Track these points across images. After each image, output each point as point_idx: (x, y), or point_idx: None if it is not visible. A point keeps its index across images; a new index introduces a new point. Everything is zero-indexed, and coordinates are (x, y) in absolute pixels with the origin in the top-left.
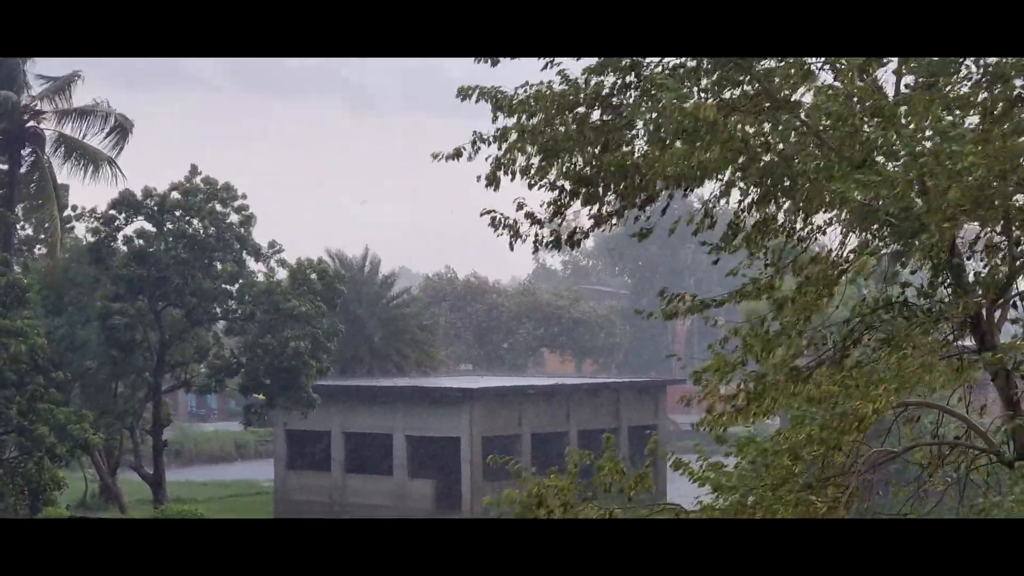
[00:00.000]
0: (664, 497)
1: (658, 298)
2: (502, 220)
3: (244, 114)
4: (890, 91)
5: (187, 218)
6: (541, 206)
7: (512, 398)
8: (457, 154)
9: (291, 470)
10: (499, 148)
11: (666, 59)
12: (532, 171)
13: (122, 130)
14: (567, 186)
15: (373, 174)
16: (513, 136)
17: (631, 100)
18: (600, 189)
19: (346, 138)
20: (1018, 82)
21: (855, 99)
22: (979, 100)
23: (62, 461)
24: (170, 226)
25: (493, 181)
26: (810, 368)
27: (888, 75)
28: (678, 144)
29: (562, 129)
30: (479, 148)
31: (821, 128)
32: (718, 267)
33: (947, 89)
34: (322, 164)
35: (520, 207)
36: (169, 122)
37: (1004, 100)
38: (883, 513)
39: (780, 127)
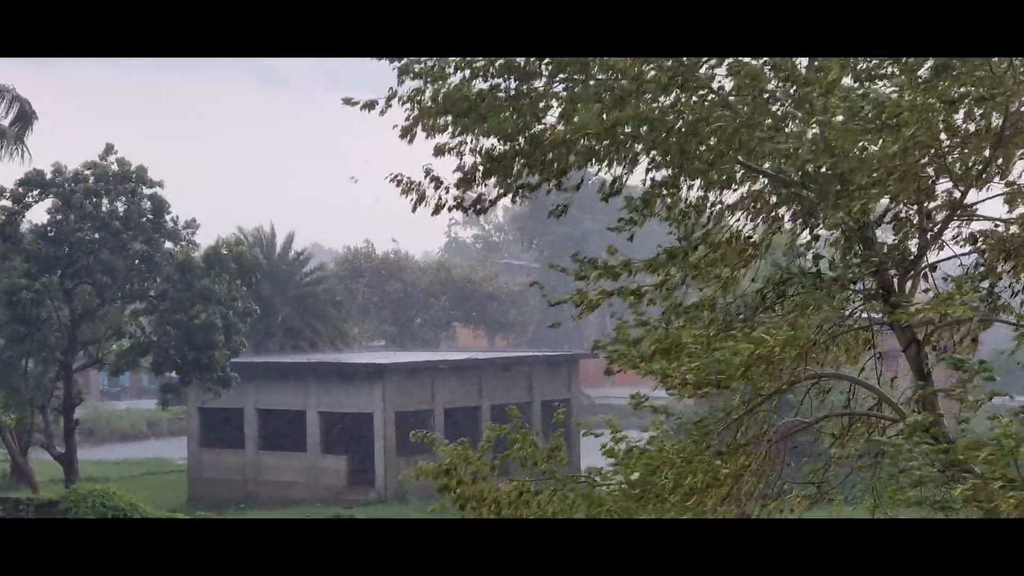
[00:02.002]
0: (578, 470)
1: (570, 265)
2: (408, 184)
3: (157, 91)
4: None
5: (98, 198)
6: (454, 172)
7: (424, 373)
8: (371, 105)
9: (204, 448)
10: (412, 109)
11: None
12: (446, 130)
13: (24, 112)
14: (478, 163)
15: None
16: (427, 96)
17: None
18: (512, 163)
19: (260, 114)
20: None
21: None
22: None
23: None
24: (81, 205)
25: (408, 133)
26: (722, 331)
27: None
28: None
29: (475, 91)
30: (391, 105)
31: (732, 97)
32: (622, 240)
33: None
34: (237, 141)
35: (427, 173)
36: (80, 100)
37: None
38: (794, 482)
39: (692, 97)
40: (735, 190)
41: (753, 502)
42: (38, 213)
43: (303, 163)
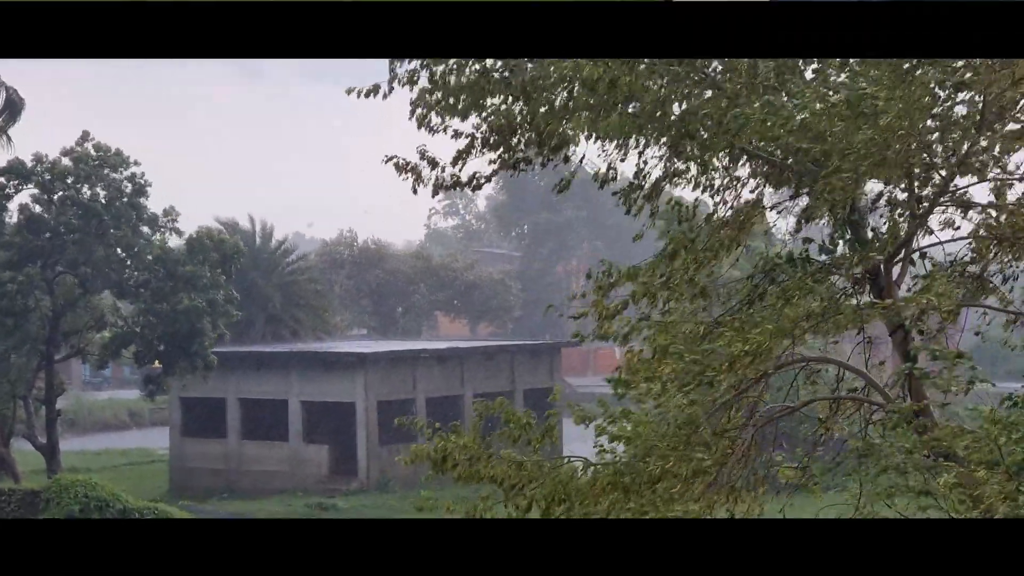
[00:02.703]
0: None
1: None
2: (405, 164)
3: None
4: None
5: (78, 185)
6: (454, 137)
7: (406, 362)
8: (375, 90)
9: (186, 437)
10: (410, 90)
11: None
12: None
13: (12, 104)
14: (477, 134)
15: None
16: (424, 78)
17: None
18: (510, 136)
19: (240, 104)
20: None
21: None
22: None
23: None
24: (61, 193)
25: (423, 122)
26: (716, 323)
27: None
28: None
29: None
30: (393, 88)
31: (719, 76)
32: (610, 230)
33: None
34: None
35: (423, 155)
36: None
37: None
38: (779, 466)
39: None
40: (730, 174)
41: (740, 488)
42: (20, 202)
43: (287, 154)
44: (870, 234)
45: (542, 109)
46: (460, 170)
